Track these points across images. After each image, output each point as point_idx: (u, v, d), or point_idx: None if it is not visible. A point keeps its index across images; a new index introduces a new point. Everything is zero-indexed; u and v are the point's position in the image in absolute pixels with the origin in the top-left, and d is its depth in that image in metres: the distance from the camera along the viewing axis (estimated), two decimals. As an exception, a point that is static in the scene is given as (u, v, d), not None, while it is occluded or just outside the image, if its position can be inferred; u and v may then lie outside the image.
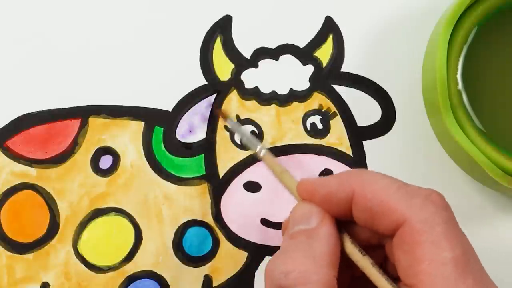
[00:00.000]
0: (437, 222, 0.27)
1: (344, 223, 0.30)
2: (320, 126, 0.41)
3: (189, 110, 0.41)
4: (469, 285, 0.26)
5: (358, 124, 0.41)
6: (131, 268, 0.40)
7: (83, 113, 0.41)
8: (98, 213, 0.40)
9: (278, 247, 0.40)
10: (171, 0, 0.42)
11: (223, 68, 0.41)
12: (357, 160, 0.41)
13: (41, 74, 0.41)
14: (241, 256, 0.40)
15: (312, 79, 0.41)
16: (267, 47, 0.41)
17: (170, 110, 0.41)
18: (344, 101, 0.41)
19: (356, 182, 0.29)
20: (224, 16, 0.42)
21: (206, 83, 0.41)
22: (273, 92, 0.41)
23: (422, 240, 0.27)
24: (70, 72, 0.41)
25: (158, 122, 0.41)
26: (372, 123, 0.41)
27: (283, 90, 0.41)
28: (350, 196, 0.29)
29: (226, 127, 0.41)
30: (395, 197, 0.28)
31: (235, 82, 0.41)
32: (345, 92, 0.41)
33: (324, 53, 0.41)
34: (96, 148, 0.41)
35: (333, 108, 0.41)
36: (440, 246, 0.26)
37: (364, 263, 0.29)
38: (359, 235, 0.31)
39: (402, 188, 0.28)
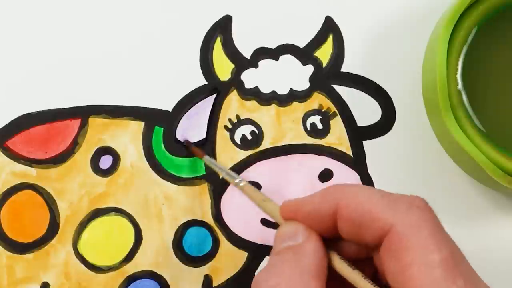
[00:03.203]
0: (423, 226, 0.27)
1: (330, 241, 0.30)
2: (320, 126, 0.41)
3: (189, 110, 0.41)
4: (460, 286, 0.26)
5: (358, 124, 0.41)
6: (131, 268, 0.40)
7: (83, 113, 0.41)
8: (98, 213, 0.40)
9: (278, 247, 0.40)
10: (171, 1, 0.42)
11: (223, 68, 0.41)
12: (357, 160, 0.41)
13: (41, 74, 0.41)
14: (241, 256, 0.40)
15: (312, 79, 0.41)
16: (267, 47, 0.41)
17: (170, 110, 0.41)
18: (344, 101, 0.41)
19: (339, 195, 0.29)
20: (224, 16, 0.42)
21: (206, 83, 0.41)
22: (273, 92, 0.41)
23: (410, 245, 0.27)
24: (70, 72, 0.41)
25: (158, 122, 0.41)
26: (372, 123, 0.41)
27: (283, 90, 0.41)
28: (334, 209, 0.29)
29: (226, 127, 0.41)
30: (379, 205, 0.28)
31: (235, 82, 0.41)
32: (345, 92, 0.41)
33: (324, 53, 0.41)
34: (96, 148, 0.41)
35: (333, 108, 0.41)
36: (428, 249, 0.26)
37: (355, 277, 0.29)
38: (347, 250, 0.31)
39: (385, 196, 0.28)
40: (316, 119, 0.41)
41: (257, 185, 0.40)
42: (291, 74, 0.41)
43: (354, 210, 0.28)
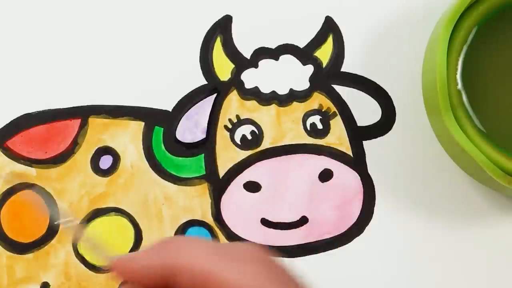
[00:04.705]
0: (260, 281, 0.26)
1: None
2: (320, 126, 0.41)
3: (189, 110, 0.41)
4: None
5: (358, 124, 0.41)
6: (131, 268, 0.40)
7: (83, 113, 0.41)
8: (98, 213, 0.40)
9: (278, 247, 0.40)
10: (171, 1, 0.42)
11: (223, 68, 0.41)
12: (357, 160, 0.41)
13: (41, 74, 0.41)
14: (241, 256, 0.40)
15: (312, 79, 0.41)
16: (267, 47, 0.41)
17: (170, 110, 0.41)
18: (344, 101, 0.41)
19: (170, 253, 0.27)
20: (224, 16, 0.42)
21: (206, 83, 0.41)
22: (273, 92, 0.41)
23: None
24: (70, 72, 0.41)
25: (158, 122, 0.41)
26: (372, 123, 0.41)
27: (283, 90, 0.41)
28: (168, 269, 0.27)
29: (226, 127, 0.41)
30: (212, 263, 0.26)
31: (235, 82, 0.41)
32: (345, 92, 0.41)
33: (324, 53, 0.41)
34: (96, 148, 0.41)
35: (333, 108, 0.41)
36: None
37: None
38: None
39: (219, 249, 0.27)
40: (316, 119, 0.41)
41: (257, 185, 0.40)
42: (291, 74, 0.41)
43: (188, 270, 0.26)
